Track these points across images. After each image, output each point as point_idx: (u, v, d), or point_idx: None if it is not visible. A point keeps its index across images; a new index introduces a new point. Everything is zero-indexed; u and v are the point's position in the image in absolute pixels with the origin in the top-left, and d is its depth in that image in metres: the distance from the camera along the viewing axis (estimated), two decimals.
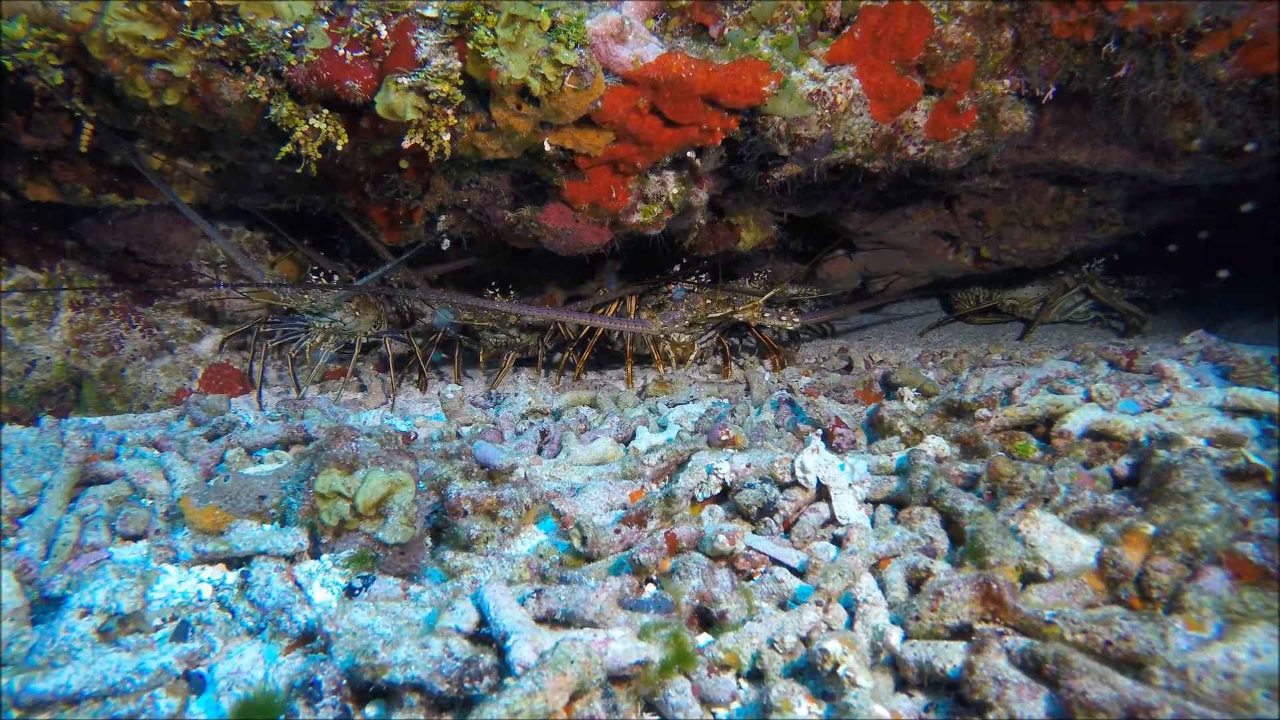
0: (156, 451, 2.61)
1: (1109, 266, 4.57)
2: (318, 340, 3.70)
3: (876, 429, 2.35)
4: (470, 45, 2.20)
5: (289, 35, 2.19)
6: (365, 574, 1.71)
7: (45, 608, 1.66)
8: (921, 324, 5.17)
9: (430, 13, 2.21)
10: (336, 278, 3.83)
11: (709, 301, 3.87)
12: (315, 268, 3.95)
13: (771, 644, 1.40)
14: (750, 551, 1.69)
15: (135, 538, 2.00)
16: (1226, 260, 4.36)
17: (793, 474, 1.91)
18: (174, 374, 3.63)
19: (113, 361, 3.45)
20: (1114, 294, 4.54)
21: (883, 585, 1.54)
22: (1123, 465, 1.91)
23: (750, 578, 1.66)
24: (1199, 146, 2.78)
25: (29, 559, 1.79)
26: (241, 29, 2.15)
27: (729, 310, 3.77)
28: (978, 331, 4.93)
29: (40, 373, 3.25)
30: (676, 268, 4.05)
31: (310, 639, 1.50)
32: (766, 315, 3.78)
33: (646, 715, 1.31)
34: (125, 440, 2.70)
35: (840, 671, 1.25)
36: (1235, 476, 1.73)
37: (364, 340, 3.81)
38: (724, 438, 2.24)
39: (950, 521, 1.74)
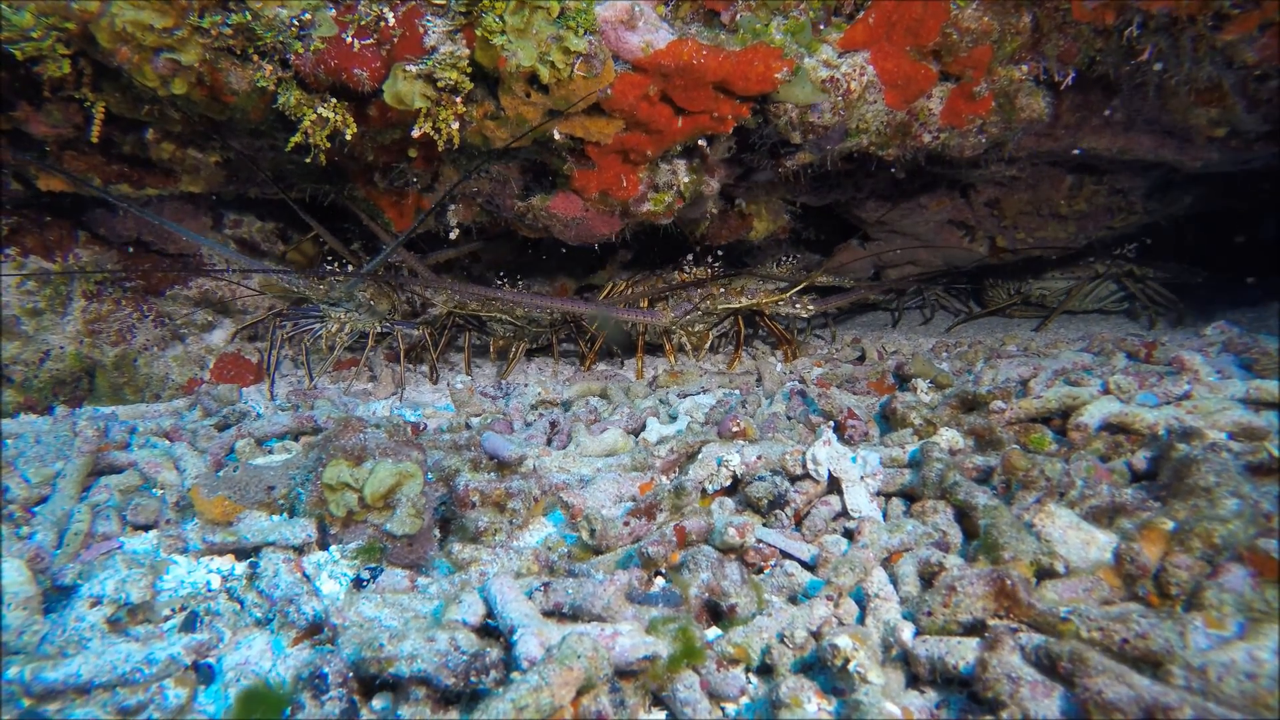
0: (168, 441, 2.62)
1: (1140, 251, 4.48)
2: (334, 330, 3.71)
3: (889, 421, 2.32)
4: (479, 32, 2.18)
5: (296, 23, 2.17)
6: (373, 565, 1.70)
7: (57, 597, 1.66)
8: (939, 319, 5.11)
9: None
10: (350, 267, 3.83)
11: (722, 291, 3.84)
12: (331, 255, 3.95)
13: (781, 638, 1.39)
14: (760, 544, 1.67)
15: (146, 528, 2.01)
16: (1253, 248, 4.28)
17: (804, 466, 1.89)
18: (186, 364, 3.65)
19: (125, 351, 3.47)
20: (1147, 282, 4.42)
21: (894, 580, 1.52)
22: (1141, 459, 1.88)
23: (760, 571, 1.65)
24: (1225, 133, 2.72)
25: (42, 548, 1.80)
26: (249, 17, 2.14)
27: (748, 302, 3.74)
28: (992, 322, 4.87)
29: (54, 362, 3.28)
30: (689, 257, 4.03)
31: (318, 630, 1.50)
32: (780, 303, 3.74)
33: (654, 710, 1.30)
34: (137, 430, 2.71)
35: (851, 667, 1.24)
36: (1258, 471, 1.69)
37: (378, 330, 3.81)
38: (735, 429, 2.22)
39: (964, 515, 1.72)
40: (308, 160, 2.50)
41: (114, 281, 3.48)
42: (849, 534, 1.78)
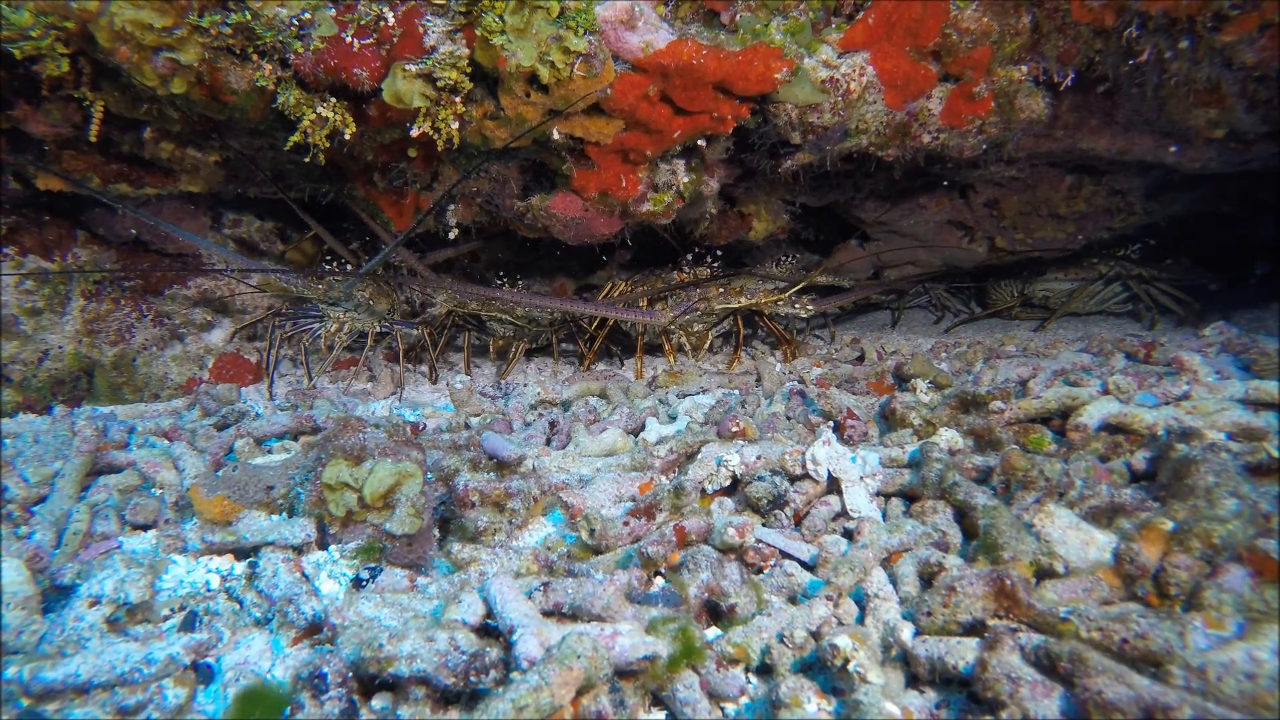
0: (166, 441, 2.62)
1: (1144, 251, 4.45)
2: (333, 330, 3.71)
3: (889, 421, 2.33)
4: (478, 32, 2.18)
5: (296, 22, 2.17)
6: (372, 565, 1.70)
7: (56, 596, 1.66)
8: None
9: None
10: (349, 266, 3.83)
11: (721, 291, 3.84)
12: (330, 255, 3.95)
13: (781, 638, 1.39)
14: (760, 544, 1.67)
15: (145, 527, 2.01)
16: (1253, 250, 4.28)
17: (804, 466, 1.89)
18: (184, 363, 3.65)
19: (124, 351, 3.47)
20: (1154, 284, 4.38)
21: (894, 580, 1.52)
22: (1140, 459, 1.88)
23: (760, 571, 1.65)
24: (1223, 134, 2.72)
25: (40, 548, 1.79)
26: (248, 16, 2.14)
27: (748, 302, 3.74)
28: (992, 323, 4.87)
29: (53, 362, 3.27)
30: (689, 256, 4.03)
31: (317, 630, 1.50)
32: (780, 303, 3.74)
33: (654, 710, 1.30)
34: (136, 429, 2.71)
35: (850, 667, 1.24)
36: (1257, 471, 1.69)
37: (377, 329, 3.81)
38: (734, 429, 2.22)
39: (963, 515, 1.72)
40: (307, 160, 2.50)
41: (113, 281, 3.48)
42: (848, 534, 1.78)
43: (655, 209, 2.88)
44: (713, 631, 1.46)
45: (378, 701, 1.30)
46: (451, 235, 3.36)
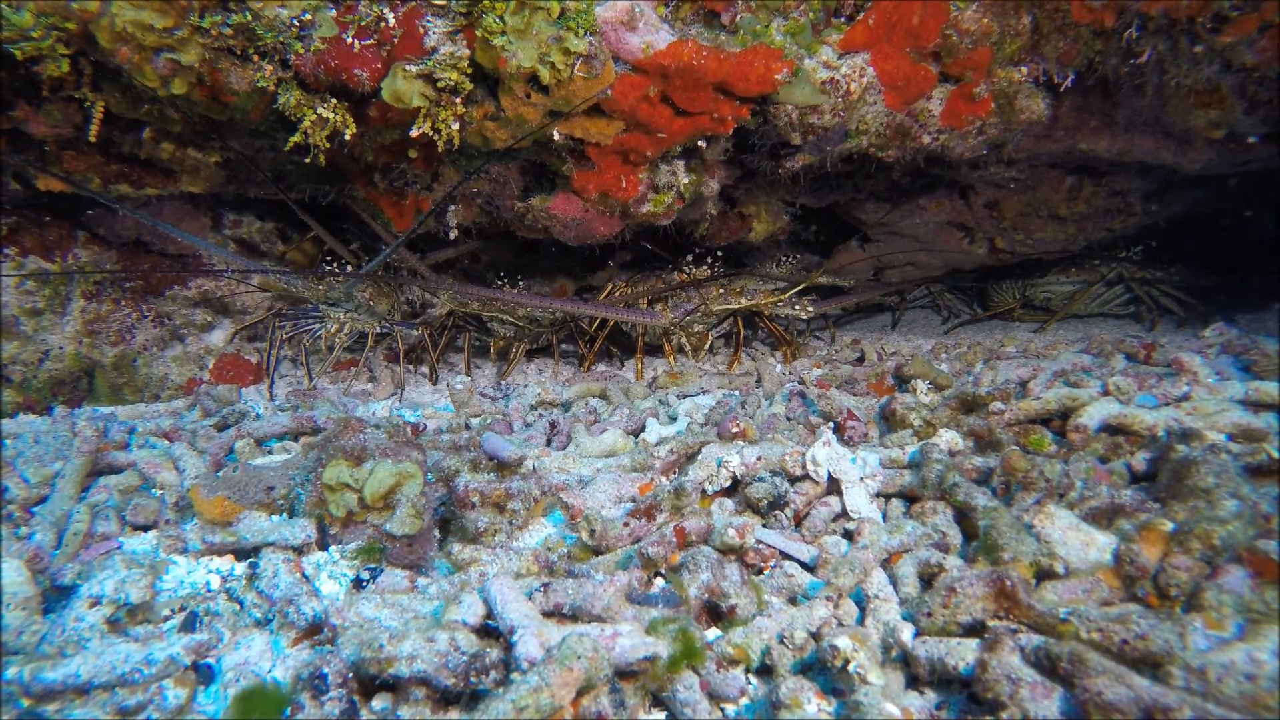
0: (167, 442, 2.62)
1: (1146, 253, 4.44)
2: (333, 330, 3.71)
3: (889, 422, 2.33)
4: (479, 33, 2.19)
5: (297, 23, 2.17)
6: (373, 566, 1.70)
7: (56, 597, 1.66)
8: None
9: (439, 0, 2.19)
10: (350, 267, 3.83)
11: (721, 291, 3.84)
12: (330, 256, 3.95)
13: (781, 639, 1.39)
14: (760, 545, 1.67)
15: (145, 528, 2.01)
16: (1252, 251, 4.27)
17: (804, 467, 1.89)
18: (185, 364, 3.65)
19: (125, 351, 3.47)
20: (1157, 286, 4.36)
21: (894, 580, 1.52)
22: (1140, 460, 1.88)
23: (760, 572, 1.65)
24: (1223, 134, 2.72)
25: (41, 548, 1.79)
26: (249, 17, 2.14)
27: (748, 303, 3.74)
28: (992, 324, 4.86)
29: (53, 362, 3.27)
30: (689, 257, 4.03)
31: (318, 631, 1.50)
32: (780, 305, 3.74)
33: (654, 710, 1.30)
34: (136, 430, 2.71)
35: (851, 668, 1.24)
36: (1257, 472, 1.69)
37: (377, 330, 3.81)
38: (734, 430, 2.22)
39: (963, 516, 1.72)
40: (307, 160, 2.51)
41: (113, 282, 3.48)
42: (849, 535, 1.78)
43: (655, 210, 2.88)
44: (713, 632, 1.46)
45: (378, 702, 1.30)
46: (452, 236, 3.36)
